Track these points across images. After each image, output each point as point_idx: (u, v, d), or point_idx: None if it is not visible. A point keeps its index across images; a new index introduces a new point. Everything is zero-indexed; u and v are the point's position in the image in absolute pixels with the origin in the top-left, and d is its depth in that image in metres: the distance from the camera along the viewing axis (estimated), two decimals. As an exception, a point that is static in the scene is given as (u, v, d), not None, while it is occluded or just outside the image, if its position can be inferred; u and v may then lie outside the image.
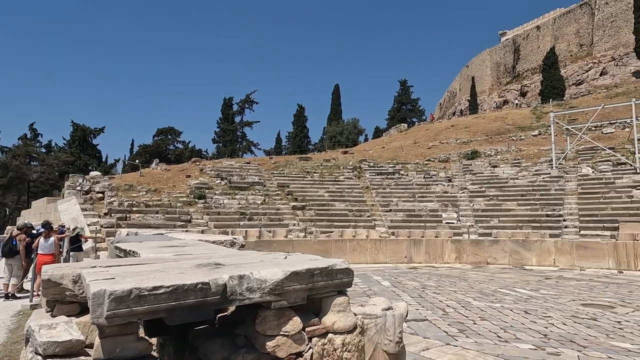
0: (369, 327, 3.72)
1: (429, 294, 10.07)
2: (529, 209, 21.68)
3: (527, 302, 9.11)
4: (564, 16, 67.62)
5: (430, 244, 18.50)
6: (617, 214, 18.94)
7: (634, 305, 8.86)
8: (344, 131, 56.77)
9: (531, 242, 17.61)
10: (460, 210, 22.88)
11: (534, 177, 25.17)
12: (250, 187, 24.65)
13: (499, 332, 6.73)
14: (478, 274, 14.20)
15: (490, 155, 31.30)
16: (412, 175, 28.23)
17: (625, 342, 6.17)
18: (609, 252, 16.00)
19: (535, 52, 69.16)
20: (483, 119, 45.73)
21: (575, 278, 13.24)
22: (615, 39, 57.27)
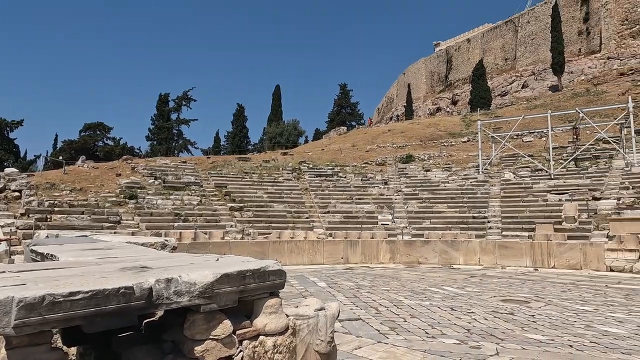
0: (301, 327, 3.74)
1: (363, 294, 10.33)
2: (458, 211, 22.95)
3: (453, 300, 9.63)
4: (492, 31, 72.47)
5: (366, 244, 18.99)
6: (534, 216, 20.59)
7: (546, 300, 9.68)
8: (284, 132, 56.68)
9: (459, 242, 18.66)
10: (395, 212, 23.71)
11: (462, 181, 26.70)
12: (186, 187, 23.85)
13: (427, 329, 7.06)
14: (410, 274, 14.80)
15: (423, 159, 32.75)
16: (350, 177, 28.81)
17: (537, 334, 6.72)
18: (527, 252, 17.35)
19: (465, 64, 73.41)
20: (418, 125, 47.74)
21: (497, 276, 14.21)
22: (535, 55, 62.33)
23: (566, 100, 41.84)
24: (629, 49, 51.50)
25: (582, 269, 15.90)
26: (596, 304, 9.20)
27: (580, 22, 58.80)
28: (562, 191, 22.32)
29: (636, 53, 50.15)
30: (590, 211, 19.62)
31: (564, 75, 54.60)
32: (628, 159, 23.30)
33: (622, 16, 54.37)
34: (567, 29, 57.74)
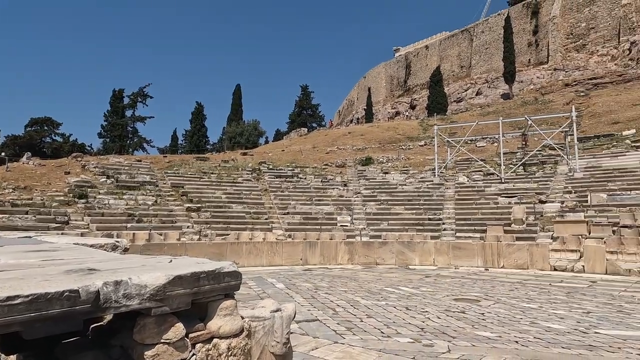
0: (256, 329, 3.71)
1: (321, 295, 10.38)
2: (414, 213, 23.54)
3: (408, 299, 9.87)
4: (449, 39, 74.96)
5: (325, 246, 19.09)
6: (485, 218, 21.46)
7: (495, 298, 10.11)
8: (244, 132, 56.05)
9: (415, 243, 19.14)
10: (354, 214, 24.00)
11: (419, 184, 27.42)
12: (140, 187, 23.06)
13: (383, 328, 7.19)
14: (367, 274, 15.02)
15: (382, 162, 33.36)
16: (310, 179, 28.89)
17: (486, 331, 7.01)
18: (478, 252, 18.05)
19: (424, 70, 75.50)
20: (377, 128, 48.58)
21: (450, 276, 14.68)
22: (489, 64, 65.06)
23: (516, 108, 43.93)
24: (573, 62, 54.80)
25: (528, 269, 16.71)
26: (541, 301, 9.70)
27: (530, 34, 61.97)
28: (511, 194, 23.40)
29: (579, 65, 53.43)
30: (537, 214, 20.68)
31: (515, 84, 57.32)
32: (571, 165, 24.76)
33: (568, 30, 57.81)
34: (518, 40, 60.67)
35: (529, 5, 62.65)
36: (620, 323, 7.56)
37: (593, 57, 53.83)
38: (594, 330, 7.06)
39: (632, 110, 33.35)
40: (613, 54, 51.90)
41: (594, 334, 6.80)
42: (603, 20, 54.60)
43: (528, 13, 62.45)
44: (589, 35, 55.75)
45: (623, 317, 8.06)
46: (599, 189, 21.17)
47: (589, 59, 53.78)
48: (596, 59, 53.18)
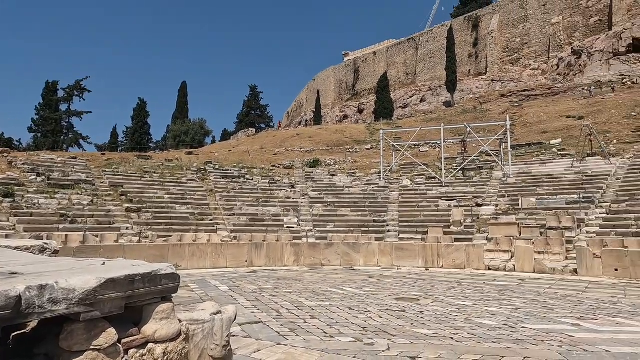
0: (195, 333, 3.63)
1: (265, 297, 10.31)
2: (360, 215, 24.01)
3: (352, 300, 10.05)
4: (395, 47, 77.28)
5: (271, 247, 18.99)
6: (427, 220, 22.32)
7: (434, 297, 10.54)
8: (189, 131, 54.48)
9: (360, 244, 19.51)
10: (300, 215, 24.06)
11: (365, 187, 28.01)
12: (75, 186, 21.74)
13: (326, 329, 7.27)
14: (313, 276, 15.11)
15: (330, 164, 33.72)
16: (258, 180, 28.63)
17: (424, 329, 7.29)
18: (420, 253, 18.72)
19: (371, 75, 77.28)
20: (325, 131, 49.05)
21: (392, 276, 15.12)
22: (432, 73, 67.82)
23: (457, 116, 46.11)
24: (508, 74, 58.43)
25: (465, 268, 17.56)
26: (475, 299, 10.24)
27: (471, 46, 65.35)
28: (451, 198, 24.51)
29: (514, 78, 57.07)
30: (474, 216, 21.82)
31: (456, 93, 60.17)
32: (505, 170, 26.36)
33: (504, 44, 61.58)
34: (459, 51, 63.75)
35: (470, 19, 66.06)
36: (544, 318, 8.15)
37: (526, 70, 57.69)
38: (521, 325, 7.56)
39: (559, 121, 36.10)
40: (543, 69, 55.93)
41: (521, 329, 7.28)
42: (535, 37, 58.69)
43: (469, 26, 65.83)
44: (522, 50, 59.71)
45: (547, 312, 8.69)
46: (529, 193, 22.70)
47: (523, 72, 57.58)
48: (529, 73, 57.04)
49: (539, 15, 58.39)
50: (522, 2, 60.99)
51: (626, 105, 35.12)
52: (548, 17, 57.20)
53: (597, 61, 48.72)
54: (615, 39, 48.07)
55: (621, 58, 47.00)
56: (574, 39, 53.87)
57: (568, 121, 35.00)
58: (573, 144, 28.04)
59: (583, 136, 26.84)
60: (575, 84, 47.53)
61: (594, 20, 53.36)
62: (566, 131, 32.26)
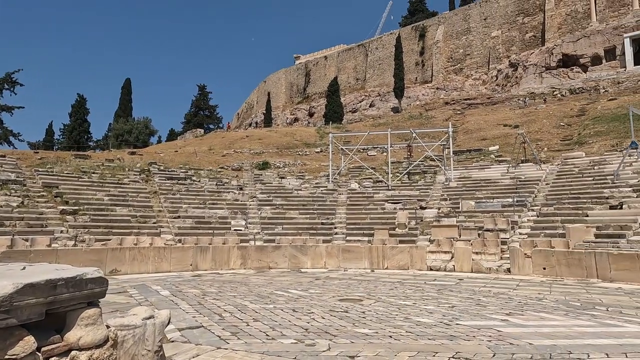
0: (126, 338, 3.52)
1: (208, 301, 10.12)
2: (308, 217, 24.13)
3: (296, 302, 10.09)
4: (346, 52, 78.55)
5: (217, 250, 18.64)
6: (373, 222, 22.83)
7: (376, 297, 10.82)
8: (133, 130, 52.27)
9: (307, 247, 19.61)
10: (248, 218, 23.80)
11: (314, 189, 28.21)
12: (3, 186, 20.20)
13: (268, 331, 7.26)
14: (259, 279, 15.01)
15: (279, 167, 33.65)
16: (205, 181, 28.01)
17: (365, 329, 7.47)
18: (366, 255, 19.11)
19: (322, 79, 78.02)
20: (275, 133, 48.91)
21: (338, 278, 15.33)
22: (381, 79, 69.60)
23: (404, 121, 47.61)
24: (452, 83, 61.16)
25: (409, 269, 18.15)
26: (415, 298, 10.63)
27: (418, 55, 67.78)
28: (397, 201, 25.25)
29: (457, 87, 59.82)
30: (418, 218, 22.60)
31: (404, 99, 62.12)
32: (447, 175, 27.55)
33: (448, 55, 64.42)
34: (407, 59, 65.92)
35: (417, 29, 68.51)
36: (477, 314, 8.61)
37: (468, 80, 60.66)
38: (456, 322, 7.94)
39: (497, 129, 38.26)
40: (484, 79, 59.07)
41: (456, 325, 7.65)
42: (476, 48, 61.89)
43: (416, 35, 68.25)
44: (465, 60, 62.75)
45: (480, 309, 9.19)
46: (469, 197, 23.86)
47: (465, 82, 60.50)
48: (471, 82, 60.02)
49: (480, 29, 61.66)
50: (465, 15, 64.15)
51: (556, 115, 37.87)
52: (488, 30, 60.53)
53: (532, 74, 52.17)
54: (547, 54, 51.73)
55: (552, 72, 50.63)
56: (511, 52, 57.37)
57: (505, 129, 37.17)
58: (509, 151, 29.81)
59: (518, 144, 28.61)
60: (512, 95, 50.60)
61: (529, 35, 57.13)
62: (503, 138, 34.25)
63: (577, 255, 15.02)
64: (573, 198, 20.37)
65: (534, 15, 56.76)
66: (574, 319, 8.17)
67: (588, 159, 25.01)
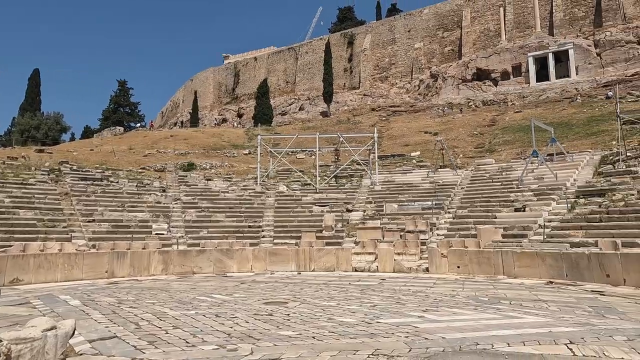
0: (22, 352, 3.21)
1: (124, 309, 9.53)
2: (235, 221, 23.70)
3: (220, 307, 9.85)
4: (276, 54, 78.47)
5: (136, 256, 17.63)
6: (301, 225, 22.99)
7: (301, 299, 10.88)
8: (42, 126, 47.86)
9: (234, 250, 19.23)
10: (171, 221, 22.83)
11: (241, 192, 27.77)
12: None
13: (189, 338, 7.00)
14: (182, 284, 14.44)
15: (205, 168, 32.70)
16: (124, 182, 26.41)
17: (289, 331, 7.48)
18: (293, 257, 19.16)
19: (252, 80, 77.18)
20: (202, 133, 47.48)
21: (265, 281, 15.22)
22: (311, 83, 70.43)
23: (332, 126, 48.57)
24: (378, 90, 63.59)
25: (335, 271, 18.49)
26: (339, 299, 10.85)
27: (346, 61, 69.57)
28: (324, 203, 25.65)
29: (383, 94, 62.29)
30: (344, 221, 23.14)
31: (332, 104, 63.38)
32: (372, 179, 28.54)
33: (375, 63, 66.90)
34: (336, 64, 67.40)
35: (346, 36, 70.35)
36: (397, 312, 8.99)
37: (393, 88, 63.44)
38: (377, 320, 8.23)
39: (418, 135, 40.40)
40: (407, 88, 62.13)
41: (376, 324, 7.92)
42: (401, 58, 64.96)
43: (345, 42, 70.04)
44: (390, 69, 65.56)
45: (399, 307, 9.61)
46: (392, 200, 24.91)
47: (390, 90, 63.19)
48: (395, 90, 62.82)
49: (404, 40, 64.81)
50: (390, 26, 67.08)
51: (470, 125, 40.86)
52: (412, 42, 63.83)
53: (450, 85, 55.85)
54: (464, 68, 55.72)
55: (468, 84, 54.62)
56: (432, 64, 60.98)
57: (426, 136, 39.37)
58: (429, 157, 31.61)
59: (437, 150, 30.44)
60: (433, 104, 53.75)
61: (447, 49, 61.11)
62: (424, 145, 36.23)
63: (487, 254, 16.29)
64: (484, 201, 22.08)
65: (453, 31, 60.86)
66: (481, 312, 8.84)
67: (497, 165, 27.28)
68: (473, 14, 59.34)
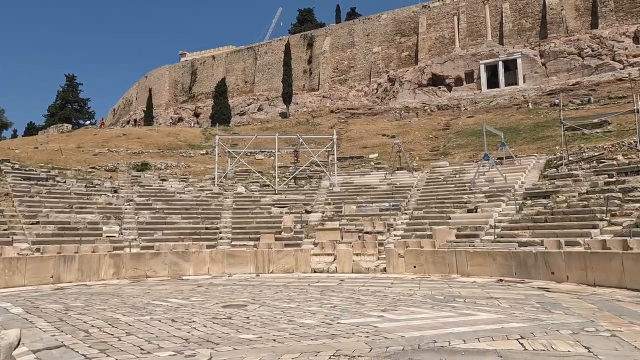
0: (-42, 367, 2.95)
1: (72, 316, 9.03)
2: (192, 222, 23.09)
3: (176, 311, 9.54)
4: (235, 54, 77.40)
5: (85, 260, 16.77)
6: (259, 226, 22.75)
7: (261, 301, 10.75)
8: (-20, 121, 44.62)
9: (190, 253, 18.73)
10: (124, 223, 21.92)
11: (198, 193, 27.11)
12: None
13: (143, 345, 6.72)
14: (135, 289, 13.88)
15: (160, 168, 31.69)
16: (72, 183, 25.12)
17: (249, 334, 7.35)
18: (251, 259, 18.91)
19: (209, 79, 75.68)
20: (157, 132, 46.00)
21: (223, 284, 14.92)
22: (270, 83, 69.99)
23: (292, 127, 48.50)
24: (337, 92, 64.15)
25: (294, 272, 18.43)
26: (299, 300, 10.82)
27: (306, 63, 69.71)
28: (283, 205, 25.53)
29: (342, 96, 62.90)
30: (303, 222, 23.13)
31: (292, 105, 63.28)
32: (331, 180, 28.73)
33: (334, 65, 67.47)
34: (295, 66, 67.35)
35: (306, 37, 70.54)
36: (356, 313, 9.07)
37: (352, 91, 64.22)
38: (337, 321, 8.26)
39: (376, 138, 41.10)
40: (366, 91, 63.10)
41: (337, 324, 7.95)
42: (360, 62, 65.90)
43: (305, 44, 70.19)
44: (349, 72, 66.35)
45: (359, 307, 9.71)
46: (351, 201, 25.17)
47: (349, 92, 63.93)
48: (354, 93, 63.62)
49: (363, 44, 65.81)
50: (350, 29, 67.92)
51: (426, 128, 42.08)
52: (370, 46, 64.92)
53: (407, 89, 57.27)
54: (420, 73, 57.32)
55: (424, 89, 56.23)
56: (390, 68, 62.31)
57: (383, 139, 40.12)
58: (387, 159, 32.21)
59: (394, 152, 31.08)
60: (390, 107, 54.90)
61: (404, 54, 62.66)
62: (382, 147, 36.90)
63: (442, 254, 16.80)
64: (439, 203, 22.78)
65: (410, 37, 62.48)
66: (438, 311, 9.08)
67: (451, 168, 28.24)
68: (429, 21, 61.20)
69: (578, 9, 52.86)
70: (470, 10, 58.23)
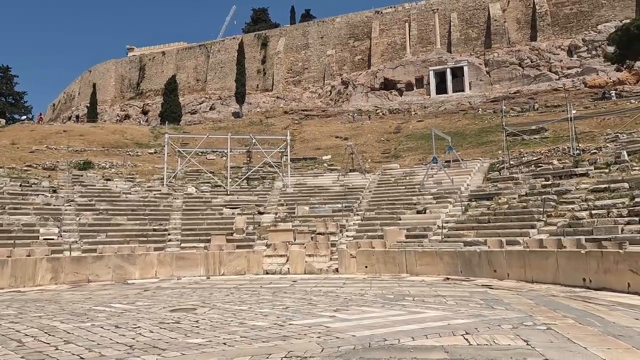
0: None
1: (3, 325, 8.37)
2: (138, 224, 22.18)
3: (120, 317, 9.10)
4: (186, 51, 75.35)
5: (19, 264, 15.63)
6: (210, 228, 22.24)
7: (211, 304, 10.49)
8: None
9: (136, 256, 17.96)
10: (64, 225, 20.67)
11: (146, 193, 26.10)
12: None
13: (84, 353, 6.35)
14: (75, 294, 13.12)
15: (105, 167, 30.21)
16: (4, 181, 23.39)
17: (198, 338, 7.14)
18: (201, 261, 18.43)
19: (159, 75, 73.17)
20: (102, 130, 43.84)
21: (171, 287, 14.42)
22: (223, 82, 68.75)
23: (245, 127, 47.86)
24: (291, 93, 64.10)
25: (246, 274, 18.15)
26: (251, 303, 10.66)
27: (260, 63, 69.12)
28: (235, 206, 25.12)
29: (296, 97, 62.93)
30: (256, 223, 22.87)
31: (245, 105, 62.49)
32: (284, 181, 28.62)
33: (289, 66, 67.37)
34: (249, 65, 66.61)
35: (260, 37, 69.97)
36: (308, 313, 9.07)
37: (306, 92, 64.41)
38: (289, 322, 8.21)
39: (329, 139, 41.44)
40: (320, 93, 63.50)
41: (289, 325, 7.90)
42: (314, 64, 66.24)
43: (259, 44, 69.58)
44: (304, 73, 66.51)
45: (311, 308, 9.71)
46: (304, 202, 25.20)
47: (303, 94, 64.07)
48: (308, 95, 63.84)
49: (317, 46, 66.20)
50: (304, 31, 68.11)
51: (378, 131, 42.96)
52: (324, 48, 65.42)
53: (360, 92, 58.24)
54: (372, 77, 58.49)
55: (376, 93, 57.43)
56: (343, 71, 63.11)
57: (337, 140, 40.52)
58: (339, 161, 32.56)
59: (347, 154, 31.47)
60: (343, 110, 55.58)
61: (358, 58, 63.70)
62: (335, 149, 37.25)
63: (392, 254, 17.19)
64: (390, 204, 23.31)
65: (363, 41, 63.59)
66: (388, 310, 9.27)
67: (402, 170, 29.00)
68: (382, 27, 62.62)
69: (519, 21, 56.11)
70: (421, 18, 60.20)
